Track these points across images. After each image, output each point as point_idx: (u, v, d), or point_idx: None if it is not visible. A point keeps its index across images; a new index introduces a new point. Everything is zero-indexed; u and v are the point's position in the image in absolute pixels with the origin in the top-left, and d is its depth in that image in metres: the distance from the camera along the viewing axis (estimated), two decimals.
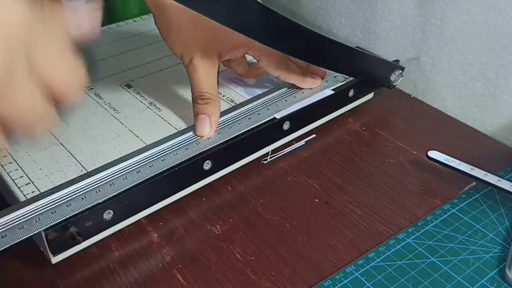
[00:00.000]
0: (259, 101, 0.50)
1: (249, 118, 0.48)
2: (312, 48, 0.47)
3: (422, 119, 0.56)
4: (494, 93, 0.53)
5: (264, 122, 0.48)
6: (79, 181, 0.40)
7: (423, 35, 0.58)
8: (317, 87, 0.53)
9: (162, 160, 0.43)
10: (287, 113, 0.49)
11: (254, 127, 0.47)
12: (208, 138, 0.45)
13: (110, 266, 0.40)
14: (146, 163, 0.42)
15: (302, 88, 0.52)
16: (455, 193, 0.46)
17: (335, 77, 0.54)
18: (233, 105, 0.51)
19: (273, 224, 0.43)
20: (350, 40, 0.66)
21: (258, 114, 0.48)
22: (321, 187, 0.47)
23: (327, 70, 0.54)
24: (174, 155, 0.43)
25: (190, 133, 0.46)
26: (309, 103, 0.51)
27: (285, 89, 0.52)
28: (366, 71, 0.53)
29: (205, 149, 0.45)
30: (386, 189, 0.47)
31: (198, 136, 0.46)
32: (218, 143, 0.45)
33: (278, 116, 0.49)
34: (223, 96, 0.52)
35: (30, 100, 0.27)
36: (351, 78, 0.54)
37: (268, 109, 0.49)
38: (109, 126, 0.48)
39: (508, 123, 0.53)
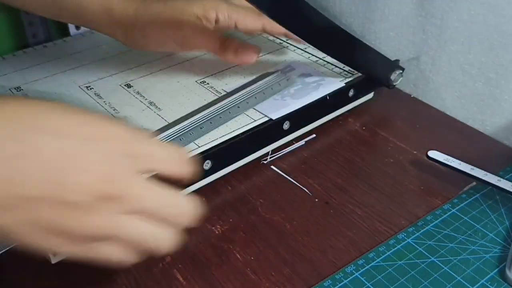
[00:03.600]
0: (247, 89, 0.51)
1: (229, 112, 0.48)
2: (319, 32, 0.47)
3: (422, 119, 0.56)
4: (494, 93, 0.53)
5: (264, 122, 0.48)
6: None
7: (423, 35, 0.58)
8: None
9: None
10: (286, 113, 0.49)
11: (254, 127, 0.47)
12: (190, 134, 0.46)
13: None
14: None
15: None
16: (455, 193, 0.46)
17: (340, 73, 0.55)
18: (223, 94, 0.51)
19: (273, 224, 0.43)
20: None
21: (247, 102, 0.49)
22: (321, 187, 0.47)
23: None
24: None
25: (178, 127, 0.46)
26: (311, 100, 0.51)
27: (264, 80, 0.53)
28: (368, 65, 0.53)
29: (205, 149, 0.45)
30: (386, 189, 0.47)
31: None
32: (218, 142, 0.45)
33: (276, 116, 0.49)
34: (211, 87, 0.52)
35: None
36: (351, 78, 0.54)
37: (247, 102, 0.50)
38: None
39: (508, 123, 0.53)
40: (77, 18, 0.53)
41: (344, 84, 0.54)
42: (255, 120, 0.48)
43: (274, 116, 0.49)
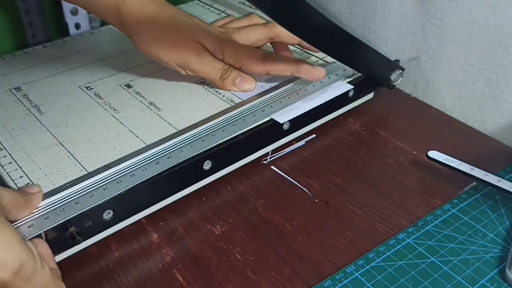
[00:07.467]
0: (256, 101, 0.50)
1: (243, 120, 0.48)
2: (319, 32, 0.48)
3: (422, 119, 0.56)
4: (494, 93, 0.53)
5: (264, 122, 0.48)
6: (74, 185, 0.40)
7: (423, 35, 0.58)
8: (323, 77, 0.52)
9: (158, 163, 0.43)
10: (293, 116, 0.49)
11: (254, 127, 0.47)
12: (202, 141, 0.45)
13: (110, 266, 0.40)
14: (149, 162, 0.42)
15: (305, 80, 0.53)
16: (455, 193, 0.46)
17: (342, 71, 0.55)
18: (232, 105, 0.51)
19: (273, 224, 0.43)
20: None
21: (253, 116, 0.48)
22: (321, 187, 0.47)
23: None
24: (176, 153, 0.43)
25: (190, 133, 0.46)
26: (320, 103, 0.51)
27: (282, 89, 0.52)
28: (368, 65, 0.53)
29: (205, 149, 0.45)
30: (386, 189, 0.47)
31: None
32: (218, 143, 0.45)
33: (281, 120, 0.49)
34: (223, 96, 0.52)
35: None
36: (351, 78, 0.54)
37: (263, 111, 0.49)
38: (109, 126, 0.48)
39: (508, 123, 0.53)
40: (87, 4, 0.52)
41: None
42: (256, 121, 0.48)
43: (283, 119, 0.49)
